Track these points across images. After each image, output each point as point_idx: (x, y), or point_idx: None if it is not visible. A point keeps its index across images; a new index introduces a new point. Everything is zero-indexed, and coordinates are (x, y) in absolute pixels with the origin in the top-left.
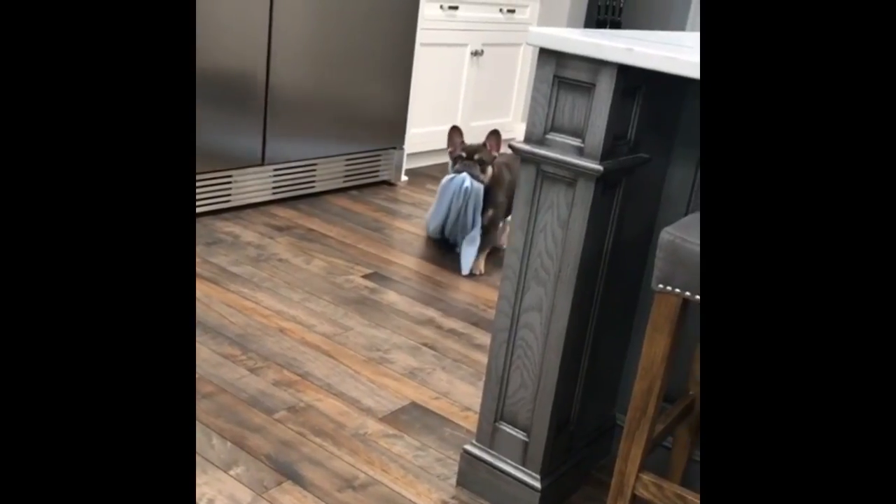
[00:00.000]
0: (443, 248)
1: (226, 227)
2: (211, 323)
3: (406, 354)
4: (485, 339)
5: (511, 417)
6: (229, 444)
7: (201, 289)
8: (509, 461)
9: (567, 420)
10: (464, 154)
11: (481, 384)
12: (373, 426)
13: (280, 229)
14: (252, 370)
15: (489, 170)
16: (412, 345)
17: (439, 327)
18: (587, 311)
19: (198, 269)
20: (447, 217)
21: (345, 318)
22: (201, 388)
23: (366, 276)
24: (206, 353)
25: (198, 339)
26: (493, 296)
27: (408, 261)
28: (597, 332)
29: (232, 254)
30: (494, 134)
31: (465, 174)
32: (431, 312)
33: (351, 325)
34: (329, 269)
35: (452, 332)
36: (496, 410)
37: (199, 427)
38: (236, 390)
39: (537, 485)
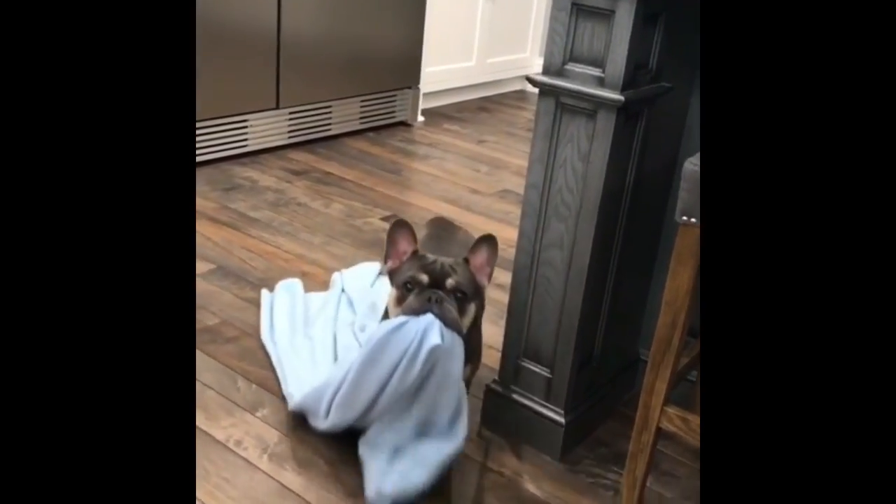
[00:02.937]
0: (462, 191)
1: (243, 172)
2: (233, 268)
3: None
4: (506, 278)
5: (534, 354)
6: (254, 386)
7: (221, 234)
8: (533, 398)
9: (590, 355)
10: (425, 277)
11: (503, 323)
12: None
13: (298, 173)
14: None
15: (471, 308)
16: None
17: None
18: (609, 246)
19: (217, 215)
20: (378, 395)
21: (365, 261)
22: (225, 332)
23: (385, 219)
24: (228, 298)
25: (220, 284)
26: (513, 235)
27: (426, 202)
28: (619, 267)
29: (251, 199)
30: (488, 242)
31: (428, 318)
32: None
33: None
34: (348, 213)
35: None
36: (519, 348)
37: (224, 370)
38: (259, 333)
39: (561, 420)
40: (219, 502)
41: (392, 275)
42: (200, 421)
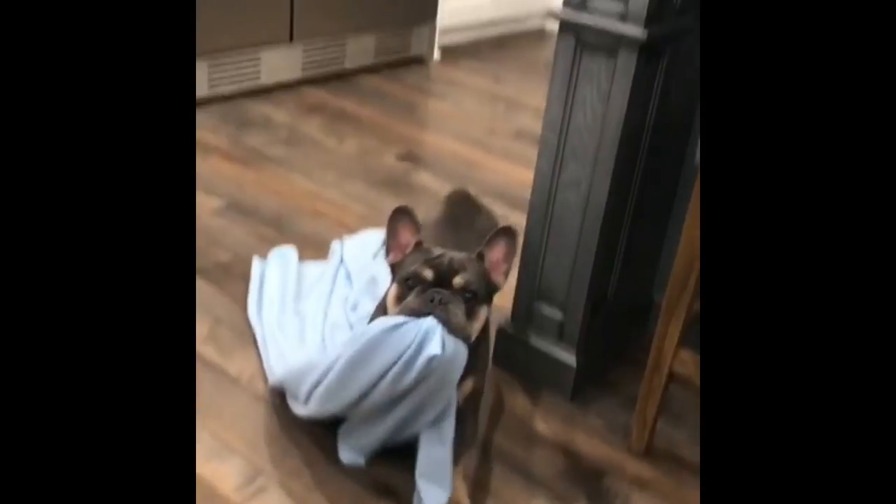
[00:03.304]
0: (479, 130)
1: (257, 107)
2: (246, 205)
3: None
4: (521, 219)
5: (547, 296)
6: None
7: (235, 171)
8: (545, 339)
9: (604, 298)
10: (429, 274)
11: (518, 266)
12: None
13: (311, 110)
14: None
15: (482, 311)
16: None
17: None
18: (626, 188)
19: (231, 151)
20: (364, 396)
21: (379, 200)
22: (238, 268)
23: (399, 157)
24: (241, 235)
25: (234, 220)
26: (529, 176)
27: (442, 141)
28: (636, 210)
29: (264, 135)
30: (506, 235)
31: (429, 322)
32: None
33: (385, 208)
34: (362, 151)
35: None
36: (532, 289)
37: (236, 307)
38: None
39: (573, 362)
40: (231, 438)
41: (394, 268)
42: (213, 357)
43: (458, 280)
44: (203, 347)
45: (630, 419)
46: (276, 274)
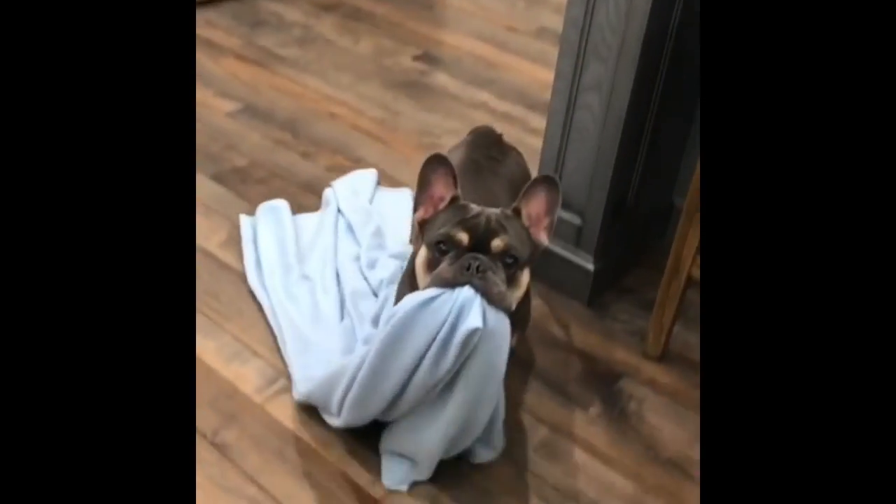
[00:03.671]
0: (498, 28)
1: (269, 6)
2: (261, 108)
3: (459, 139)
4: (540, 123)
5: (566, 201)
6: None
7: (249, 72)
8: (563, 244)
9: (623, 203)
10: (465, 237)
11: (536, 169)
12: None
13: (326, 8)
14: (304, 155)
15: (523, 277)
16: (465, 129)
17: (493, 111)
18: (649, 90)
19: (244, 52)
20: (402, 389)
21: (395, 103)
22: (255, 173)
23: (416, 58)
24: (257, 139)
25: (248, 124)
26: (550, 76)
27: (459, 40)
28: (658, 113)
29: (277, 35)
30: (547, 185)
31: (466, 293)
32: (485, 95)
33: (401, 110)
34: (378, 51)
35: (506, 116)
36: None
37: (253, 211)
38: (290, 175)
39: (590, 267)
40: (252, 340)
41: (423, 227)
42: (233, 262)
43: (497, 243)
44: (222, 252)
45: (647, 324)
46: (269, 232)
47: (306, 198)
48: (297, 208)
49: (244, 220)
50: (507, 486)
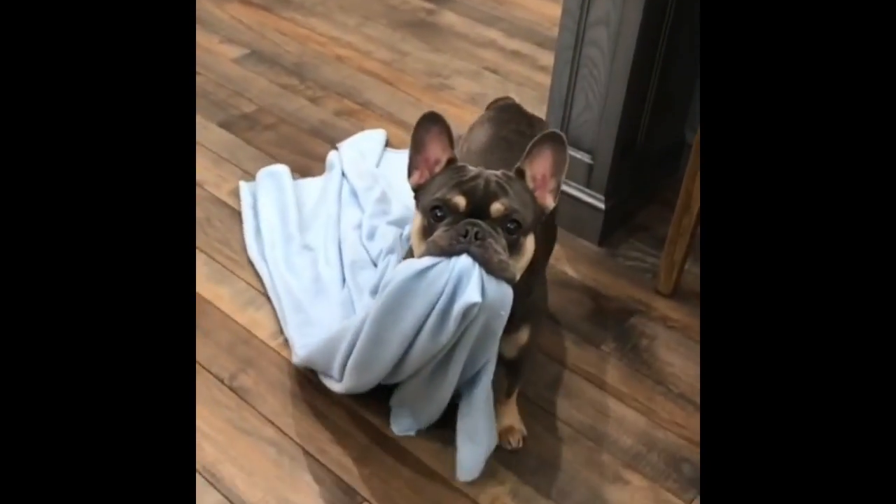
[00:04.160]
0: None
1: None
2: (267, 52)
3: (467, 79)
4: (550, 59)
5: (575, 140)
6: (296, 174)
7: (254, 16)
8: (573, 184)
9: (633, 140)
10: (462, 201)
11: (544, 108)
12: None
13: None
14: (312, 100)
15: (527, 243)
16: (473, 69)
17: (502, 49)
18: (659, 24)
19: None
20: (404, 355)
21: (402, 43)
22: (263, 119)
23: None
24: (264, 84)
25: (255, 69)
26: (556, 12)
27: None
28: (668, 48)
29: None
30: (552, 142)
31: (463, 262)
32: (493, 34)
33: (409, 51)
34: None
35: (515, 54)
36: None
37: (264, 158)
38: (297, 120)
39: (601, 206)
40: (260, 286)
41: (418, 192)
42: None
43: (496, 207)
44: (234, 200)
45: (658, 261)
46: (270, 199)
47: (315, 144)
48: (305, 155)
49: (243, 186)
50: None
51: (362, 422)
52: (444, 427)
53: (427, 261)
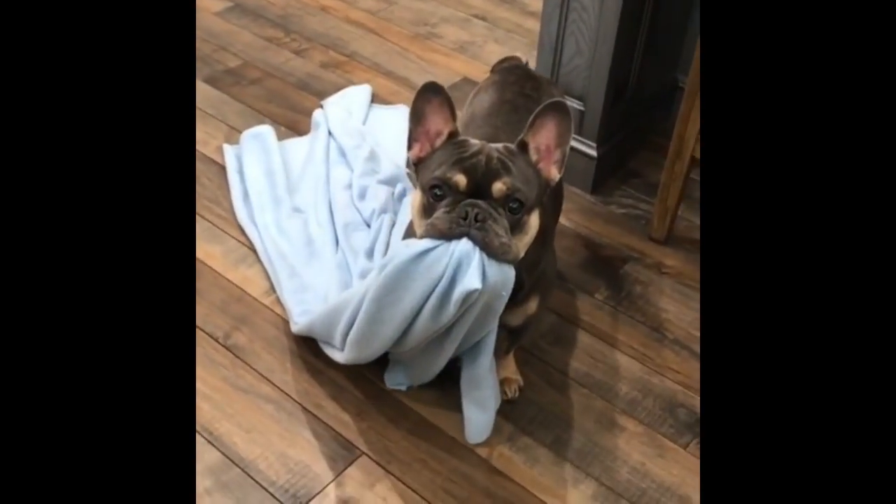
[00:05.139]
0: None
1: None
2: (249, 5)
3: (455, 27)
4: (539, 5)
5: (566, 87)
6: (283, 128)
7: None
8: None
9: (625, 86)
10: (462, 181)
11: (534, 54)
12: None
13: None
14: (297, 52)
15: (531, 220)
16: (461, 17)
17: None
18: None
19: None
20: (406, 331)
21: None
22: (249, 73)
23: None
24: (248, 38)
25: (239, 23)
26: None
27: None
28: None
29: None
30: (555, 111)
31: (464, 246)
32: None
33: None
34: None
35: (504, 0)
36: (551, 80)
37: (252, 113)
38: (284, 74)
39: (593, 153)
40: (251, 243)
41: (418, 166)
42: (234, 165)
43: (498, 187)
44: (221, 157)
45: (651, 208)
46: (256, 162)
47: (302, 97)
48: (292, 109)
49: (227, 149)
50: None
51: (359, 377)
52: (442, 380)
53: (427, 243)
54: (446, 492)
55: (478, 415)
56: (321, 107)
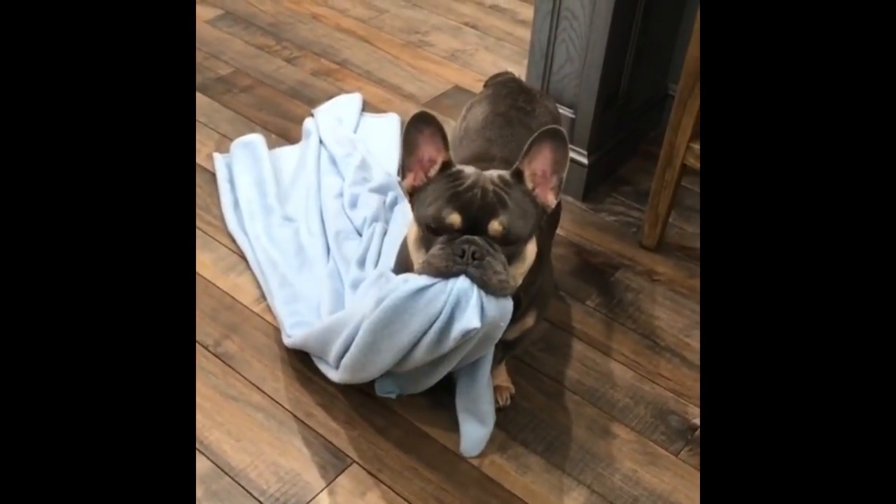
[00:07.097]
0: None
1: None
2: (241, 13)
3: (447, 35)
4: (529, 13)
5: (557, 95)
6: (274, 136)
7: None
8: None
9: (616, 93)
10: (457, 219)
11: (525, 63)
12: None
13: None
14: (289, 60)
15: (527, 252)
16: (453, 25)
17: (480, 4)
18: None
19: None
20: (403, 358)
21: (379, 0)
22: (240, 81)
23: None
24: (239, 46)
25: (230, 31)
26: None
27: None
28: None
29: None
30: (552, 138)
31: (462, 284)
32: None
33: (386, 7)
34: None
35: (495, 9)
36: (541, 88)
37: (243, 121)
38: (275, 82)
39: (584, 161)
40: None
41: (412, 196)
42: (224, 173)
43: (495, 227)
44: (212, 164)
45: (642, 215)
46: (246, 171)
47: (293, 105)
48: (284, 117)
49: (217, 158)
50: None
51: (349, 385)
52: (433, 389)
53: (425, 279)
54: (438, 500)
55: (476, 429)
56: (312, 115)
